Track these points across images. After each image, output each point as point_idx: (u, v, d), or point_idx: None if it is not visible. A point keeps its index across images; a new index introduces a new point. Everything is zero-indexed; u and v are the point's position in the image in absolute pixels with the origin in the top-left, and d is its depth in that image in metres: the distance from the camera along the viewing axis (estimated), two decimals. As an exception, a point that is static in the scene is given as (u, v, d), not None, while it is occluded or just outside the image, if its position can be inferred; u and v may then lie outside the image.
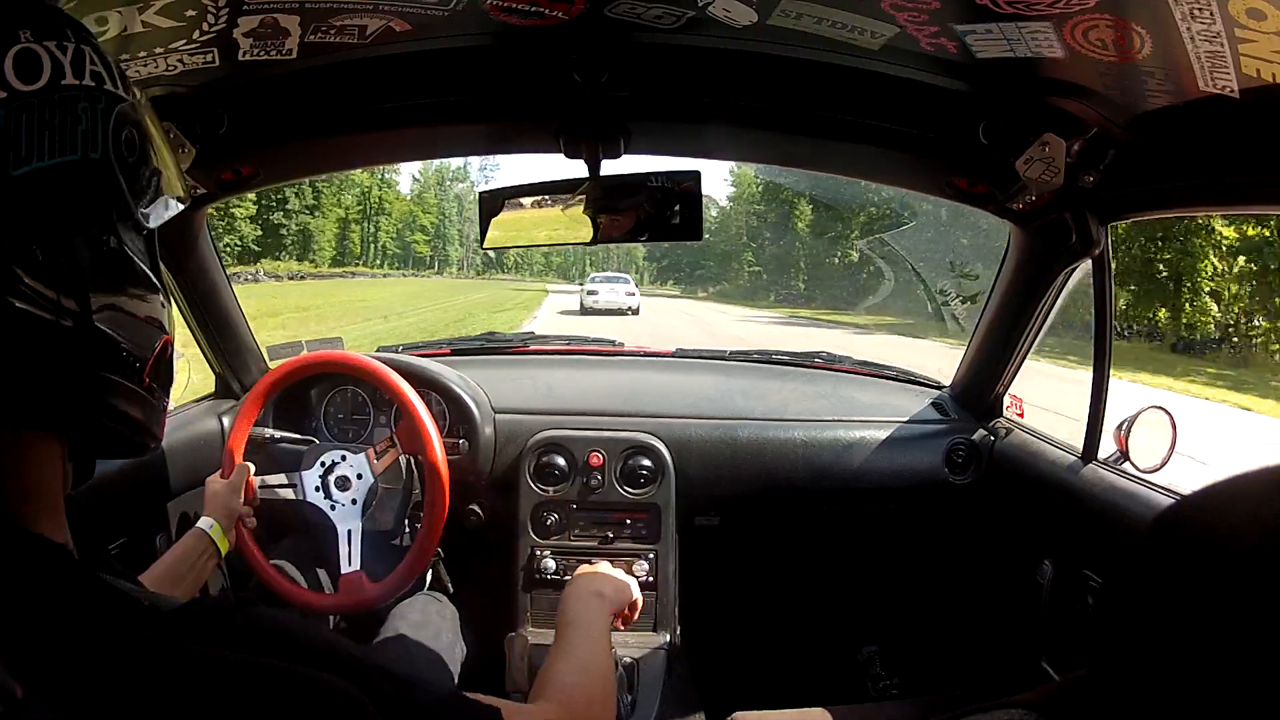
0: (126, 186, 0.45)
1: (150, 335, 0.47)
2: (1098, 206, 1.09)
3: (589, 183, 1.12)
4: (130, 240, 0.46)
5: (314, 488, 1.26)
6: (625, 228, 1.12)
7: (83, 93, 0.42)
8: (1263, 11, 0.62)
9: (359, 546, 1.24)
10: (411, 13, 0.87)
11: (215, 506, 1.17)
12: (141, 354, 0.46)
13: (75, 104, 0.42)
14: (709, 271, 48.43)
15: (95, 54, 0.44)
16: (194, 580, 1.07)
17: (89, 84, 0.43)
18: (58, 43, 0.41)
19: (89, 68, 0.43)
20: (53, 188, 0.40)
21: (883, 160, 1.24)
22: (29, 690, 0.34)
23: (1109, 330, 1.20)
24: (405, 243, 52.06)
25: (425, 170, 54.29)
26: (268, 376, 1.33)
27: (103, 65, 0.44)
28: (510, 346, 1.84)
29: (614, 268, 61.57)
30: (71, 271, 0.41)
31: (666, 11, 0.87)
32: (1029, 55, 0.83)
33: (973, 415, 1.57)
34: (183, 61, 0.92)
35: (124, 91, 0.46)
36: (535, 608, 1.45)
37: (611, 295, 18.43)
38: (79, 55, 0.42)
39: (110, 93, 0.44)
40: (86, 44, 0.43)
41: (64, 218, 0.41)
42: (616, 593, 0.87)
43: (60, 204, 0.41)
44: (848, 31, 0.87)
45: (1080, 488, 1.20)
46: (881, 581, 1.67)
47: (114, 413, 0.44)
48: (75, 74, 0.42)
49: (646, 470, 1.45)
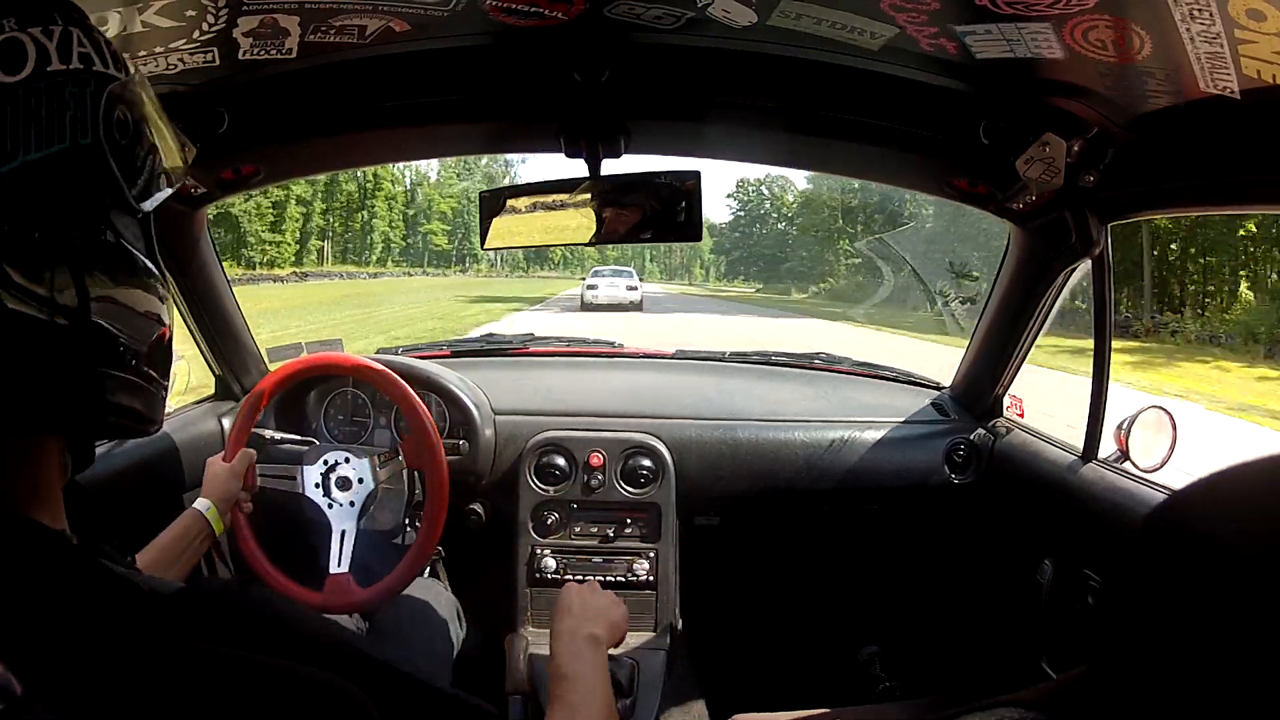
0: (119, 170, 0.44)
1: (149, 325, 0.46)
2: (1098, 206, 1.09)
3: (590, 182, 1.12)
4: (126, 227, 0.45)
5: (314, 484, 1.26)
6: (626, 227, 1.12)
7: (70, 77, 0.41)
8: (1263, 12, 0.62)
9: (350, 549, 1.23)
10: (411, 13, 0.87)
11: (214, 488, 1.16)
12: (140, 345, 0.45)
13: (63, 90, 0.40)
14: (800, 264, 39.07)
15: (84, 34, 0.43)
16: (188, 560, 1.06)
17: (76, 67, 0.41)
18: (43, 28, 0.40)
19: (77, 50, 0.42)
20: (43, 180, 0.40)
21: (883, 160, 1.24)
22: (29, 687, 0.33)
23: (1109, 330, 1.20)
24: (419, 234, 45.62)
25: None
26: (268, 378, 1.33)
27: (92, 45, 0.43)
28: (510, 348, 1.84)
29: (675, 262, 56.17)
30: (66, 267, 0.40)
31: (666, 12, 0.87)
32: (1029, 56, 0.83)
33: (972, 415, 1.57)
34: (183, 61, 0.92)
35: (115, 69, 0.44)
36: (536, 607, 1.45)
37: (612, 290, 18.07)
38: (66, 38, 0.41)
39: (100, 73, 0.43)
40: (76, 25, 0.42)
41: (56, 210, 0.40)
42: (611, 631, 0.79)
43: (52, 196, 0.40)
44: (847, 32, 0.87)
45: (1080, 487, 1.20)
46: (882, 581, 1.67)
47: (116, 408, 0.44)
48: (62, 59, 0.41)
49: (646, 470, 1.45)
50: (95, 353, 0.42)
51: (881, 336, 13.41)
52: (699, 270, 58.62)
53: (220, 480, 1.17)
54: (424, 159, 13.69)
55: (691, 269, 58.95)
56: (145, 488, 1.25)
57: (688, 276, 58.08)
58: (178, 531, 1.07)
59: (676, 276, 58.57)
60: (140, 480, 1.23)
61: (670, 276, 58.56)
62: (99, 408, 0.43)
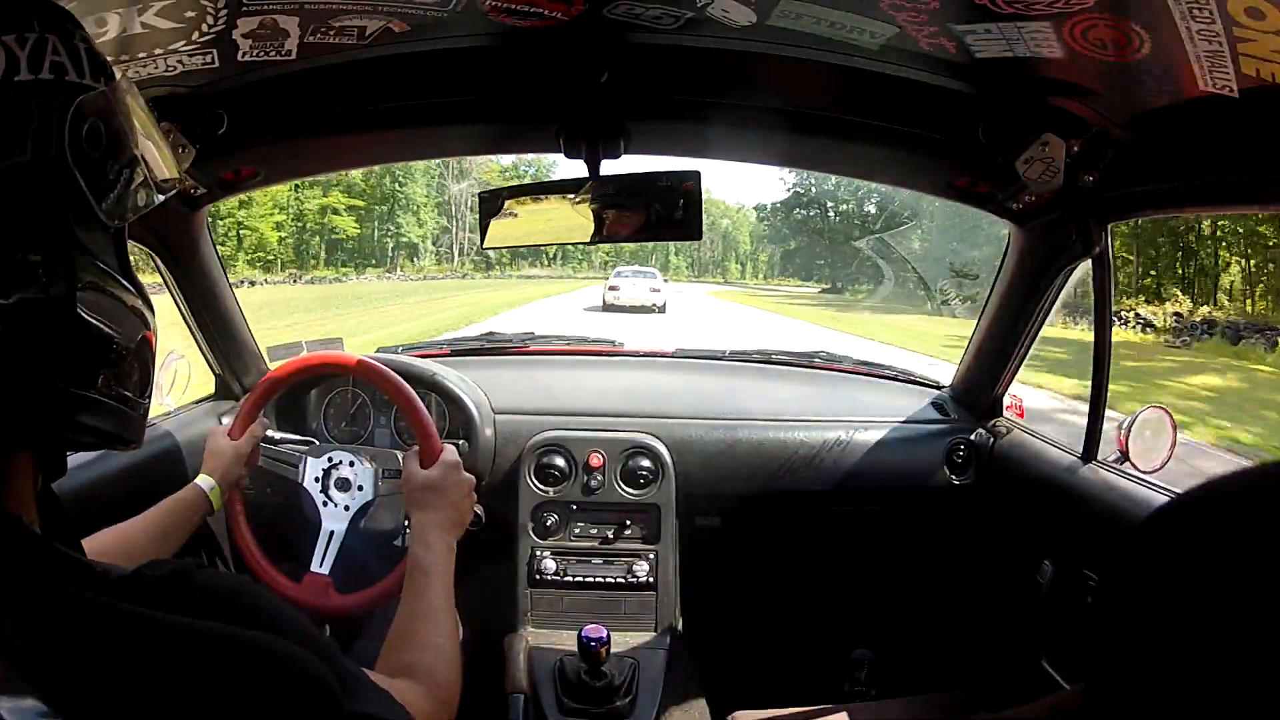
0: (87, 185, 0.42)
1: (121, 338, 0.44)
2: (1098, 206, 1.09)
3: (589, 182, 1.12)
4: (94, 242, 0.43)
5: (314, 477, 1.24)
6: (626, 227, 1.12)
7: (36, 88, 0.40)
8: (1262, 11, 0.62)
9: (335, 552, 1.20)
10: (410, 13, 0.87)
11: (215, 465, 1.15)
12: (110, 360, 0.43)
13: (27, 101, 0.39)
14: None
15: (61, 42, 0.42)
16: (180, 534, 1.05)
17: (45, 77, 0.40)
18: (18, 35, 0.39)
19: (49, 59, 0.41)
20: (2, 193, 0.38)
21: (882, 160, 1.24)
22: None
23: (1109, 330, 1.20)
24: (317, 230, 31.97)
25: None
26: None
27: (68, 54, 0.42)
28: (510, 347, 1.84)
29: (705, 257, 45.97)
30: (25, 283, 0.39)
31: (666, 12, 0.87)
32: (1028, 55, 0.83)
33: (973, 415, 1.57)
34: (182, 62, 0.92)
35: (91, 78, 0.43)
36: (535, 608, 1.44)
37: (634, 291, 17.72)
38: (39, 46, 0.40)
39: (71, 84, 0.42)
40: (54, 31, 0.41)
41: (13, 225, 0.39)
42: (459, 520, 0.97)
43: (8, 211, 0.39)
44: (847, 32, 0.87)
45: (1080, 488, 1.20)
46: (882, 581, 1.67)
47: (79, 427, 0.43)
48: (31, 68, 0.40)
49: (646, 470, 1.45)
50: (56, 369, 0.41)
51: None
52: (734, 266, 52.66)
53: (224, 459, 1.16)
54: (424, 159, 13.66)
55: (726, 264, 53.84)
56: (145, 487, 1.25)
57: (722, 273, 52.64)
58: (175, 504, 1.06)
59: (707, 273, 52.44)
60: (140, 480, 1.22)
61: (700, 273, 52.20)
62: (59, 426, 0.42)
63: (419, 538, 0.91)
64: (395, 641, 0.76)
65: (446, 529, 0.94)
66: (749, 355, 1.83)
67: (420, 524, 0.94)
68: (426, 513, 0.95)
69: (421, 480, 0.99)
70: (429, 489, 0.98)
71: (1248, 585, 0.30)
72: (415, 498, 0.98)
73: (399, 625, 0.79)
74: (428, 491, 0.98)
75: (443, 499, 0.97)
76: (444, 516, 0.95)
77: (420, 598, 0.82)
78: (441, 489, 0.98)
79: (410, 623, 0.79)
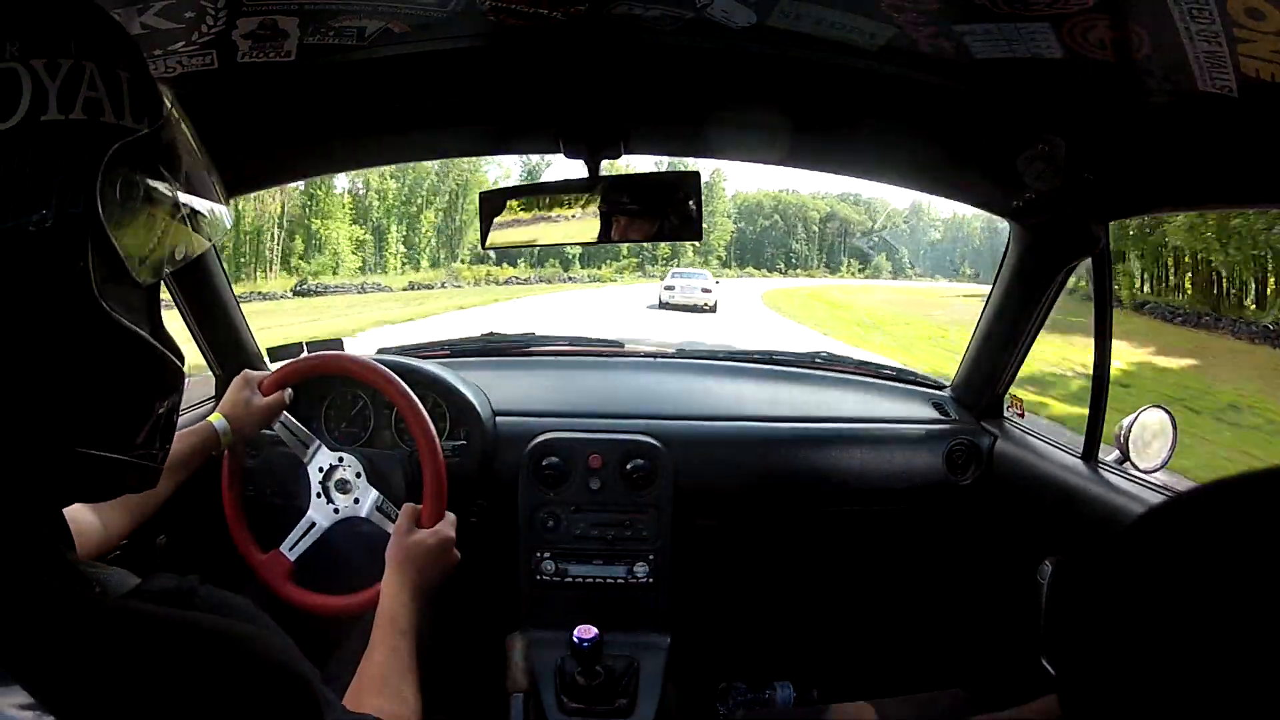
0: (119, 243, 0.37)
1: (143, 400, 0.41)
2: (1098, 205, 1.09)
3: (589, 183, 1.12)
4: (123, 298, 0.39)
5: (319, 467, 1.23)
6: (626, 228, 1.12)
7: (66, 130, 0.35)
8: (1261, 11, 0.62)
9: (307, 545, 1.18)
10: (410, 14, 0.87)
11: (233, 411, 1.11)
12: (129, 423, 0.41)
13: (54, 147, 0.34)
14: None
15: (101, 71, 0.36)
16: (188, 466, 1.02)
17: (78, 118, 0.35)
18: (49, 60, 0.34)
19: (84, 94, 0.35)
20: (18, 252, 0.34)
21: (882, 160, 1.24)
22: None
23: (1109, 329, 1.20)
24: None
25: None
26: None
27: (105, 86, 0.36)
28: (510, 348, 1.83)
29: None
30: (39, 347, 0.35)
31: (665, 13, 0.87)
32: (1028, 55, 0.83)
33: (973, 415, 1.57)
34: (181, 63, 0.92)
35: (132, 119, 0.37)
36: (535, 608, 1.45)
37: (687, 292, 17.89)
38: (74, 76, 0.35)
39: (107, 126, 0.36)
40: (93, 57, 0.36)
41: (31, 288, 0.35)
42: (439, 577, 0.96)
43: (26, 272, 0.34)
44: (847, 32, 0.87)
45: (1080, 488, 1.20)
46: (882, 581, 1.67)
47: (103, 486, 0.41)
48: (61, 106, 0.34)
49: (646, 471, 1.45)
50: (74, 433, 0.38)
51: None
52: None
53: (242, 408, 1.12)
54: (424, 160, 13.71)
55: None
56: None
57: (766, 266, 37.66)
58: (189, 435, 1.03)
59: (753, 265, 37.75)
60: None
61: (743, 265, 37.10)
62: (81, 486, 0.41)
63: (396, 593, 0.88)
64: (368, 685, 0.74)
65: (425, 592, 0.92)
66: (749, 355, 1.83)
67: (401, 582, 0.90)
68: (410, 573, 0.92)
69: (417, 540, 0.96)
70: (423, 551, 0.95)
71: (1242, 586, 0.30)
72: (406, 553, 0.94)
73: (370, 673, 0.76)
74: (421, 552, 0.95)
75: (432, 566, 0.95)
76: (427, 580, 0.93)
77: (396, 654, 0.80)
78: (433, 555, 0.96)
79: (384, 673, 0.77)
